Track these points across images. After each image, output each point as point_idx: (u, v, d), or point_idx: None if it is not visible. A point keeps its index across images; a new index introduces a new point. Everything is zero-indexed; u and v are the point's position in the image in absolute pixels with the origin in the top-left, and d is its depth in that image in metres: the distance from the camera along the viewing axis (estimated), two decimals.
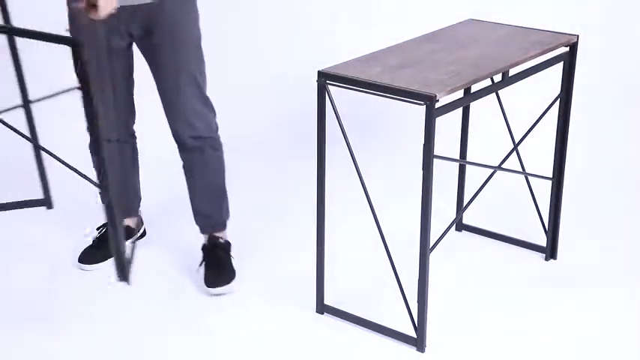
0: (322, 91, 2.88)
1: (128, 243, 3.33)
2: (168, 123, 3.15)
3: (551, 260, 3.49)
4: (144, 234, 3.55)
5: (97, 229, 3.48)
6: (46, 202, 3.36)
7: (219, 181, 3.27)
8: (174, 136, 3.17)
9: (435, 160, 2.75)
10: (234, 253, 3.34)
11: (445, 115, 2.73)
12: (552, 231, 3.46)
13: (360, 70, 2.88)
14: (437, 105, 2.68)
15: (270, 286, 3.28)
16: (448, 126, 3.75)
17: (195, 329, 3.03)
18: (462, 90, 3.07)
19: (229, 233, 3.38)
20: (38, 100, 2.93)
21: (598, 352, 2.94)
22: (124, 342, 2.96)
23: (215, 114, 3.19)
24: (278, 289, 3.26)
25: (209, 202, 3.27)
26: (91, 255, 3.39)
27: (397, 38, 3.26)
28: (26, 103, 3.20)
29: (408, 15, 4.60)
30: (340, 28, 4.68)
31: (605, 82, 4.46)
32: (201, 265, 3.29)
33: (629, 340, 3.00)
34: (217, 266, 3.22)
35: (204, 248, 3.30)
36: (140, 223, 3.53)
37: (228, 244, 3.32)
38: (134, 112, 3.30)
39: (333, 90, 2.88)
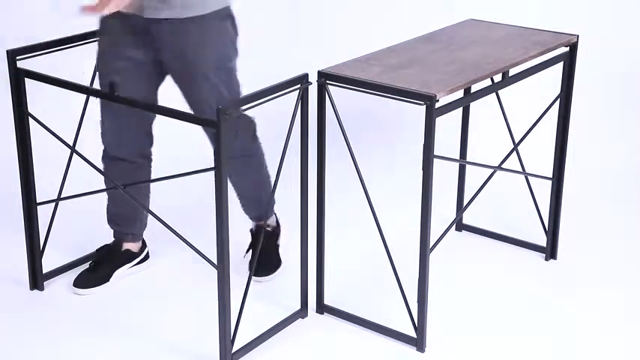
0: (322, 91, 2.88)
1: (126, 269, 3.31)
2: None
3: (551, 260, 3.49)
4: (147, 257, 3.40)
5: (97, 250, 3.36)
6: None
7: (256, 178, 3.28)
8: None
9: (435, 160, 2.74)
10: (283, 240, 3.42)
11: (445, 115, 2.73)
12: (552, 231, 3.46)
13: (360, 70, 2.88)
14: (437, 105, 2.68)
15: (269, 285, 3.28)
16: (448, 126, 3.75)
17: (193, 329, 3.04)
18: (462, 90, 3.07)
19: (238, 231, 3.33)
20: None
21: (598, 352, 2.94)
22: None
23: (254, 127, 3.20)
24: (277, 289, 3.26)
25: (247, 199, 3.33)
26: (86, 279, 3.24)
27: (397, 38, 3.25)
28: None
29: (408, 15, 4.60)
30: (340, 28, 4.68)
31: (605, 82, 4.46)
32: (247, 251, 3.39)
33: (629, 340, 3.00)
34: (261, 255, 3.14)
35: (252, 235, 3.39)
36: (143, 246, 3.40)
37: (274, 233, 3.39)
38: (151, 134, 3.19)
39: (333, 90, 2.88)
